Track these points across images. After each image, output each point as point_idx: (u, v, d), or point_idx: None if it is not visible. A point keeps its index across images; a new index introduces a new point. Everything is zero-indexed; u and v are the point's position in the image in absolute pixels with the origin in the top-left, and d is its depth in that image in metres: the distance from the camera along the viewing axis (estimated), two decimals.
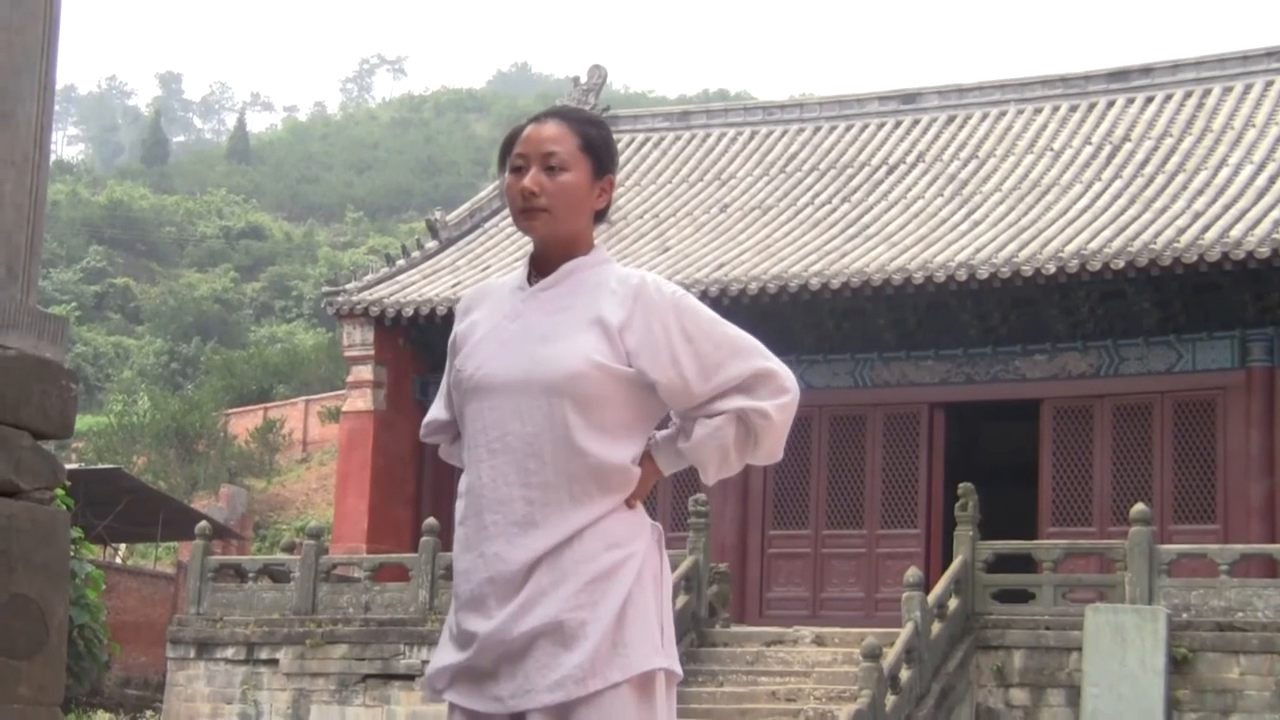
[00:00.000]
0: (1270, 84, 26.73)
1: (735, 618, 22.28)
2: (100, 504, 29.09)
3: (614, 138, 3.71)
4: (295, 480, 48.79)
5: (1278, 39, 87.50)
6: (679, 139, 31.08)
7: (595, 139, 3.62)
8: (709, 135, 30.90)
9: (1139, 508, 19.28)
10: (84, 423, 49.27)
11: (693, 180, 29.64)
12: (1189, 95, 27.21)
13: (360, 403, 26.52)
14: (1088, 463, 23.16)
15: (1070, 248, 22.63)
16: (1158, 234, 22.56)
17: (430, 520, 21.95)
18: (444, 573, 21.04)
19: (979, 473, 21.94)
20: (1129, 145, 26.48)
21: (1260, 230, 21.74)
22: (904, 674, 18.06)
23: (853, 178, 28.06)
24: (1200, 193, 24.01)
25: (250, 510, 42.89)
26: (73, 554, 10.08)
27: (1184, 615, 18.57)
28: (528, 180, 3.56)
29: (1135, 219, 23.54)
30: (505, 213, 27.71)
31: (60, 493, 6.49)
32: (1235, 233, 21.84)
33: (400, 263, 27.98)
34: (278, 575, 23.26)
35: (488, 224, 29.36)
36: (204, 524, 24.86)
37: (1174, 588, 18.82)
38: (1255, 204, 22.95)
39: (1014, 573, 20.22)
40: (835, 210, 27.01)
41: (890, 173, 27.93)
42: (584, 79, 31.72)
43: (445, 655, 3.54)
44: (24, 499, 4.70)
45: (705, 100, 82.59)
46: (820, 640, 20.04)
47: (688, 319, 3.53)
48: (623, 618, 3.42)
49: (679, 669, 3.54)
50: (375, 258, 45.85)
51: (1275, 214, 22.28)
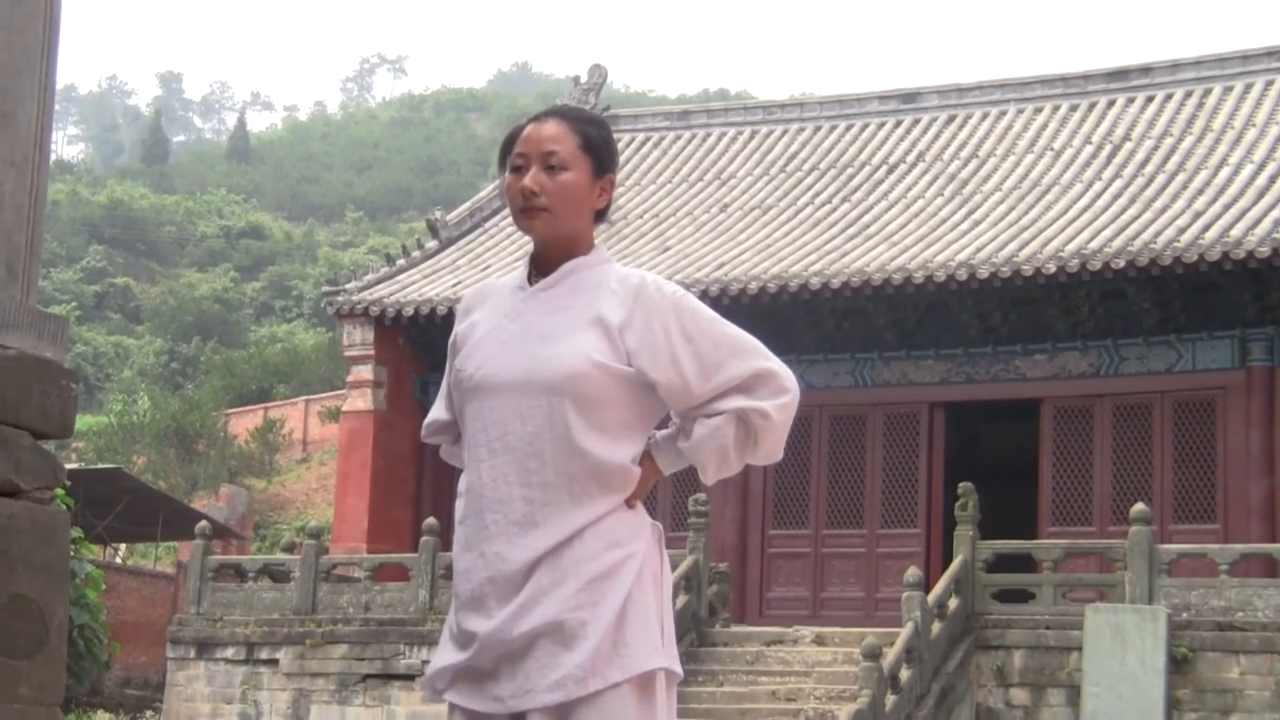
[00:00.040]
0: (1270, 83, 26.72)
1: (735, 617, 22.28)
2: (100, 504, 29.08)
3: (614, 137, 3.71)
4: (295, 480, 48.79)
5: (1278, 39, 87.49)
6: (679, 139, 31.08)
7: (595, 138, 3.62)
8: (709, 135, 30.89)
9: (1139, 507, 19.28)
10: (84, 423, 49.26)
11: (693, 180, 29.63)
12: (1189, 95, 27.21)
13: (360, 403, 26.53)
14: (1088, 462, 23.16)
15: (1070, 247, 22.63)
16: (1158, 234, 22.56)
17: (430, 520, 21.95)
18: (444, 573, 21.04)
19: (979, 472, 21.93)
20: (1129, 145, 26.48)
21: (1260, 230, 21.74)
22: (904, 674, 18.06)
23: (853, 177, 28.06)
24: (1200, 192, 24.01)
25: (250, 510, 42.87)
26: (73, 554, 10.08)
27: (1184, 615, 18.57)
28: (528, 180, 3.56)
29: (1135, 218, 23.54)
30: (505, 212, 27.70)
31: (60, 493, 6.49)
32: (1235, 232, 21.84)
33: (400, 262, 27.98)
34: (278, 575, 23.26)
35: (488, 224, 29.36)
36: (204, 524, 24.85)
37: (1174, 587, 18.82)
38: (1255, 203, 22.95)
39: (1014, 572, 20.21)
40: (835, 210, 27.01)
41: (890, 172, 27.92)
42: (584, 78, 31.71)
43: (445, 655, 3.54)
44: (24, 499, 4.70)
45: (705, 100, 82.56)
46: (820, 640, 20.03)
47: (688, 319, 3.53)
48: (623, 617, 3.42)
49: (679, 669, 3.54)
50: (375, 257, 45.81)
51: (1275, 214, 22.28)
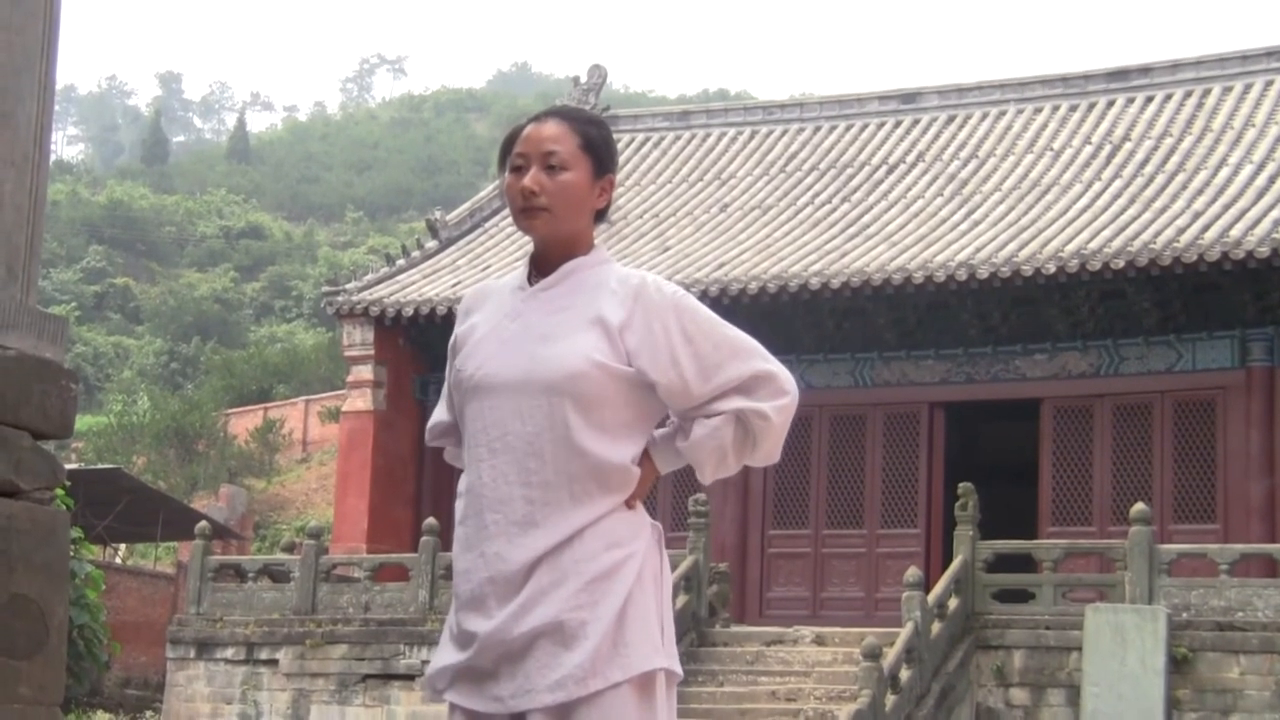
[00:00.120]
0: (1270, 84, 26.72)
1: (735, 617, 22.27)
2: (100, 504, 29.06)
3: (614, 137, 3.71)
4: (295, 480, 48.78)
5: (1278, 39, 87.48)
6: (679, 139, 31.08)
7: (595, 138, 3.62)
8: (709, 135, 30.89)
9: (1139, 507, 19.28)
10: (84, 423, 49.26)
11: (693, 180, 29.63)
12: (1189, 95, 27.21)
13: (360, 403, 26.52)
14: (1088, 462, 23.15)
15: (1070, 247, 22.63)
16: (1158, 234, 22.56)
17: (430, 520, 21.95)
18: (444, 573, 21.04)
19: (979, 472, 21.93)
20: (1129, 145, 26.48)
21: (1260, 230, 21.74)
22: (904, 674, 18.06)
23: (853, 177, 28.06)
24: (1200, 192, 24.01)
25: (250, 510, 42.87)
26: (73, 554, 10.08)
27: (1184, 615, 18.57)
28: (528, 179, 3.56)
29: (1135, 219, 23.54)
30: (505, 212, 27.70)
31: (60, 493, 6.48)
32: (1235, 232, 21.84)
33: (400, 262, 27.98)
34: (278, 575, 23.26)
35: (488, 224, 29.36)
36: (204, 524, 24.85)
37: (1174, 587, 18.82)
38: (1255, 204, 22.95)
39: (1014, 572, 20.21)
40: (835, 210, 27.01)
41: (890, 172, 27.92)
42: (584, 79, 31.71)
43: (446, 655, 3.54)
44: (24, 499, 4.70)
45: (705, 100, 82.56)
46: (820, 640, 20.03)
47: (688, 319, 3.53)
48: (623, 617, 3.42)
49: (679, 669, 3.54)
50: (375, 257, 45.83)
51: (1275, 214, 22.28)
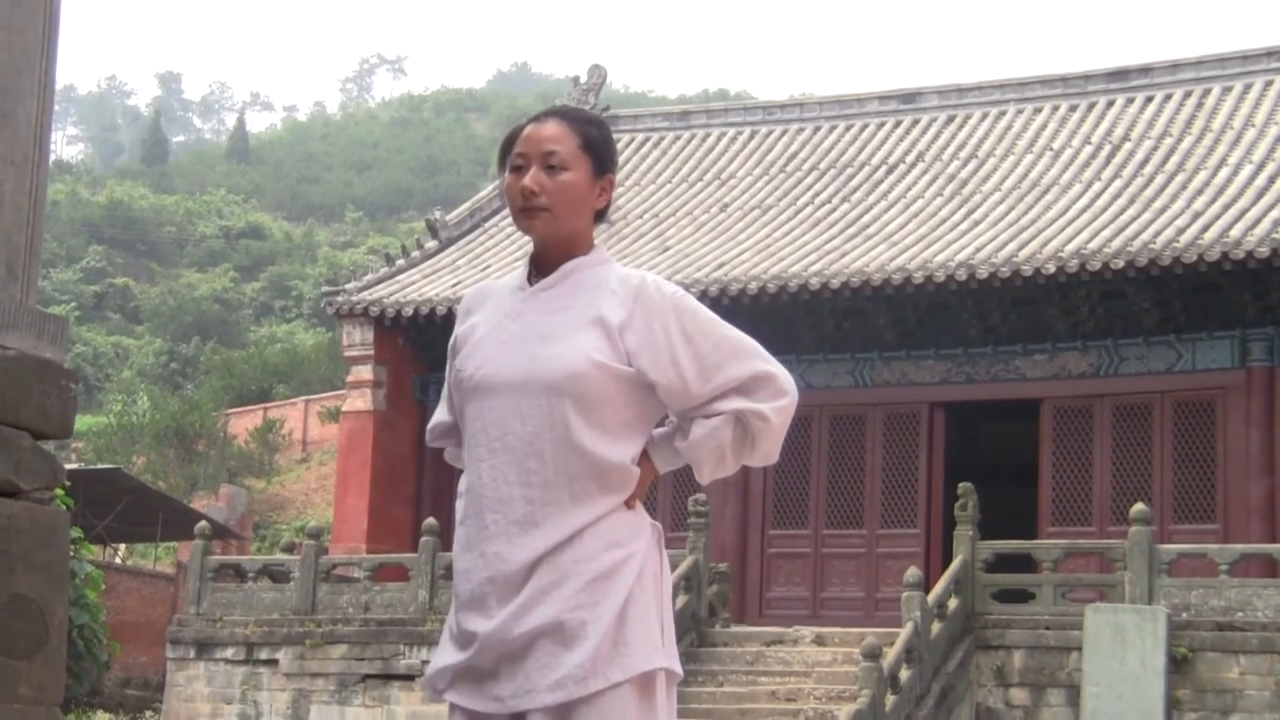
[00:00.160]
0: (1270, 84, 26.72)
1: (735, 618, 22.27)
2: (100, 504, 29.06)
3: (613, 137, 3.71)
4: (295, 480, 48.79)
5: (1278, 39, 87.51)
6: (679, 139, 31.08)
7: (595, 138, 3.62)
8: (709, 135, 30.89)
9: (1139, 507, 19.28)
10: (84, 423, 49.26)
11: (692, 180, 29.63)
12: (1189, 95, 27.21)
13: (360, 403, 26.52)
14: (1088, 462, 23.15)
15: (1070, 247, 22.63)
16: (1157, 234, 22.56)
17: (430, 520, 21.95)
18: (444, 573, 21.04)
19: (979, 472, 21.93)
20: (1129, 145, 26.48)
21: (1260, 230, 21.74)
22: (904, 674, 18.06)
23: (853, 177, 28.06)
24: (1200, 192, 24.01)
25: (250, 510, 42.87)
26: (72, 554, 10.08)
27: (1184, 615, 18.57)
28: (528, 179, 3.56)
29: (1135, 219, 23.54)
30: (505, 212, 27.70)
31: (60, 493, 6.48)
32: (1235, 232, 21.84)
33: (400, 262, 27.97)
34: (277, 575, 23.26)
35: (488, 224, 29.36)
36: (204, 524, 24.85)
37: (1174, 587, 18.82)
38: (1255, 204, 22.95)
39: (1014, 572, 20.21)
40: (835, 210, 27.01)
41: (890, 172, 27.92)
42: (584, 79, 31.71)
43: (446, 655, 3.54)
44: (24, 499, 4.70)
45: (705, 100, 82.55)
46: (820, 640, 20.03)
47: (688, 320, 3.53)
48: (623, 617, 3.42)
49: (679, 669, 3.54)
50: (375, 257, 45.82)
51: (1275, 214, 22.28)
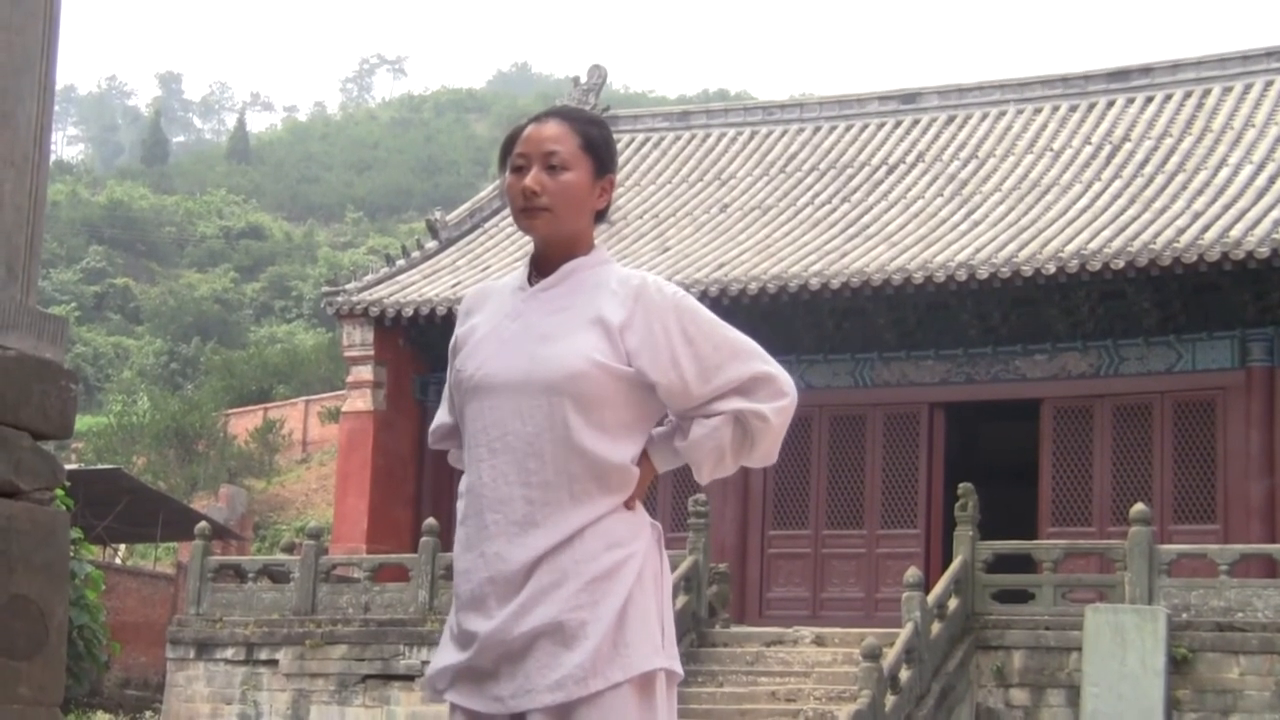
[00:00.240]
0: (1270, 84, 26.72)
1: (735, 618, 22.27)
2: (100, 504, 29.05)
3: (614, 137, 3.71)
4: (295, 480, 48.78)
5: (1278, 39, 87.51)
6: (679, 139, 31.07)
7: (596, 139, 3.62)
8: (709, 135, 30.89)
9: (1139, 508, 19.28)
10: (84, 423, 49.25)
11: (692, 180, 29.63)
12: (1189, 95, 27.21)
13: (360, 403, 26.52)
14: (1088, 463, 23.15)
15: (1070, 248, 22.63)
16: (1157, 234, 22.56)
17: (430, 520, 21.95)
18: (444, 573, 21.04)
19: (979, 473, 21.92)
20: (1129, 145, 26.48)
21: (1260, 230, 21.74)
22: (904, 674, 18.06)
23: (853, 178, 28.06)
24: (1200, 193, 24.01)
25: (250, 510, 42.86)
26: (72, 554, 10.08)
27: (1184, 615, 18.57)
28: (529, 179, 3.56)
29: (1135, 219, 23.54)
30: (505, 213, 27.70)
31: (60, 493, 6.48)
32: (1235, 233, 21.84)
33: (400, 263, 27.97)
34: (277, 576, 23.26)
35: (488, 224, 29.36)
36: (204, 524, 24.85)
37: (1174, 588, 18.82)
38: (1255, 204, 22.95)
39: (1014, 573, 20.21)
40: (835, 210, 27.01)
41: (890, 173, 27.92)
42: (584, 79, 31.72)
43: (446, 655, 3.54)
44: (24, 499, 4.70)
45: (705, 100, 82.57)
46: (820, 640, 20.03)
47: (688, 320, 3.53)
48: (623, 618, 3.42)
49: (679, 669, 3.54)
50: (375, 258, 45.84)
51: (1275, 214, 22.28)
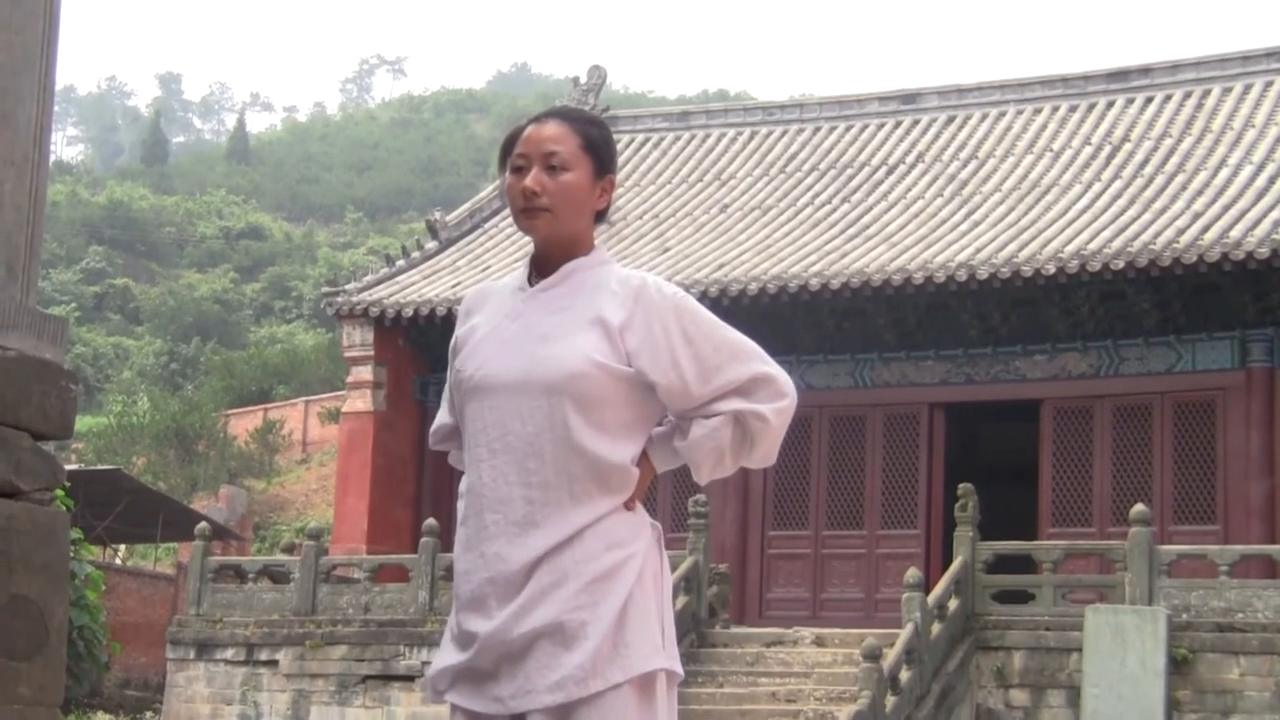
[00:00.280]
0: (1270, 84, 26.72)
1: (735, 618, 22.27)
2: (100, 505, 29.05)
3: (614, 138, 3.70)
4: (295, 481, 48.77)
5: (1278, 39, 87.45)
6: (679, 139, 31.07)
7: (596, 139, 3.62)
8: (709, 135, 30.89)
9: (1139, 508, 19.27)
10: (84, 423, 49.25)
11: (692, 180, 29.63)
12: (1189, 96, 27.21)
13: (360, 403, 26.52)
14: (1088, 463, 23.15)
15: (1070, 248, 22.63)
16: (1157, 234, 22.56)
17: (430, 521, 21.94)
18: (444, 574, 21.03)
19: (979, 473, 21.92)
20: (1129, 146, 26.48)
21: (1260, 231, 21.74)
22: (904, 675, 18.05)
23: (852, 178, 28.06)
24: (1200, 193, 24.01)
25: (250, 511, 42.86)
26: (72, 555, 10.08)
27: (1184, 616, 18.57)
28: (529, 180, 3.56)
29: (1135, 219, 23.54)
30: (505, 213, 27.70)
31: (60, 493, 6.49)
32: (1235, 233, 21.84)
33: (400, 263, 27.97)
34: (277, 576, 23.26)
35: (488, 224, 29.36)
36: (204, 525, 24.85)
37: (1174, 588, 18.81)
38: (1255, 204, 22.95)
39: (1014, 573, 20.21)
40: (835, 210, 27.01)
41: (890, 173, 27.92)
42: (584, 79, 31.72)
43: (447, 656, 3.54)
44: (24, 500, 4.70)
45: (705, 100, 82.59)
46: (820, 641, 20.02)
47: (688, 321, 3.53)
48: (623, 618, 3.42)
49: (680, 669, 3.54)
50: (375, 258, 45.88)
51: (1275, 214, 22.28)
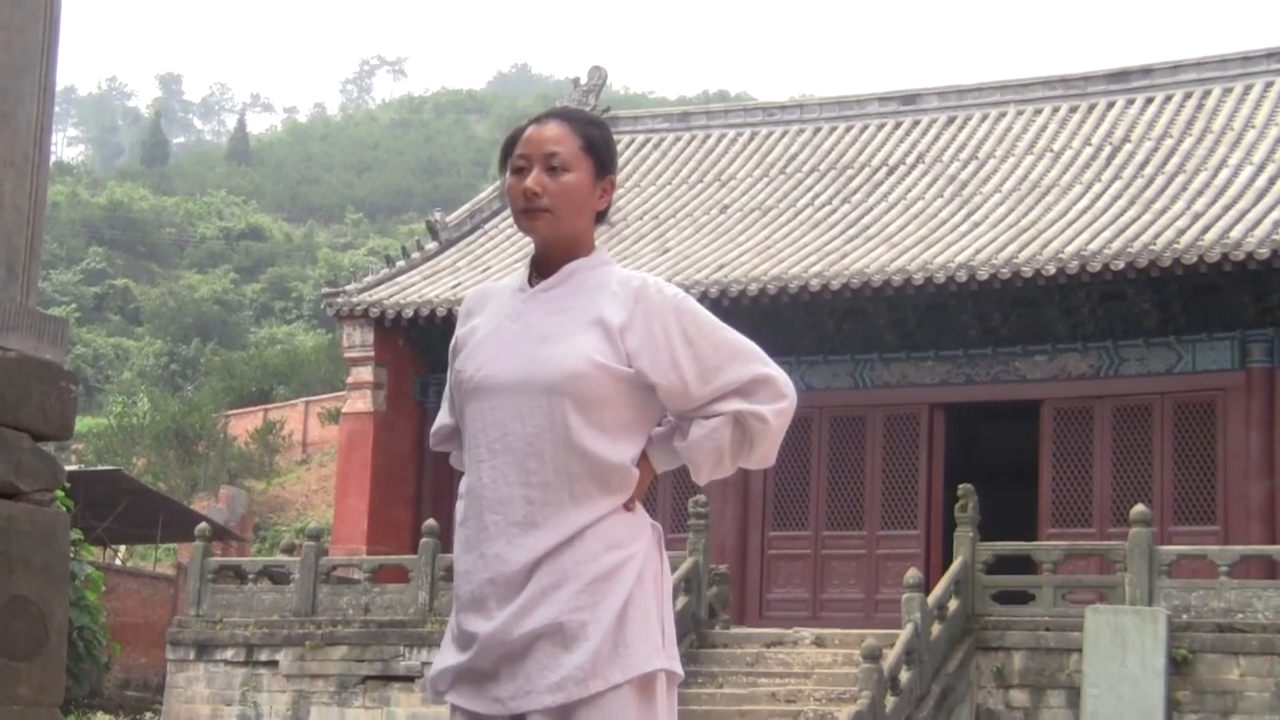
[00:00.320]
0: (1270, 85, 26.72)
1: (735, 619, 22.26)
2: (100, 505, 29.05)
3: (614, 139, 3.70)
4: (295, 482, 48.77)
5: (1278, 40, 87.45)
6: (679, 140, 31.07)
7: (597, 140, 3.62)
8: (709, 136, 30.89)
9: (1139, 509, 19.27)
10: (84, 424, 49.23)
11: (692, 181, 29.63)
12: (1189, 96, 27.21)
13: (360, 404, 26.52)
14: (1088, 464, 23.15)
15: (1070, 249, 22.63)
16: (1157, 235, 22.56)
17: (430, 521, 21.94)
18: (444, 574, 21.03)
19: (979, 474, 21.91)
20: (1129, 146, 26.48)
21: (1260, 231, 21.74)
22: (904, 675, 18.05)
23: (853, 179, 28.05)
24: (1200, 194, 24.01)
25: (250, 512, 42.84)
26: (72, 556, 10.08)
27: (1184, 616, 18.57)
28: (530, 181, 3.56)
29: (1135, 220, 23.54)
30: (505, 214, 27.70)
31: (60, 494, 6.49)
32: (1235, 234, 21.84)
33: (400, 264, 27.97)
34: (277, 577, 23.26)
35: (488, 225, 29.35)
36: (204, 525, 24.85)
37: (1174, 589, 18.81)
38: (1255, 205, 22.95)
39: (1014, 574, 20.21)
40: (835, 211, 27.01)
41: (890, 174, 27.92)
42: (584, 80, 31.73)
43: (447, 656, 3.54)
44: (24, 501, 4.70)
45: (705, 101, 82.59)
46: (820, 641, 20.02)
47: (688, 322, 3.53)
48: (623, 619, 3.42)
49: (680, 670, 3.54)
50: (375, 259, 45.89)
51: (1275, 215, 22.28)
